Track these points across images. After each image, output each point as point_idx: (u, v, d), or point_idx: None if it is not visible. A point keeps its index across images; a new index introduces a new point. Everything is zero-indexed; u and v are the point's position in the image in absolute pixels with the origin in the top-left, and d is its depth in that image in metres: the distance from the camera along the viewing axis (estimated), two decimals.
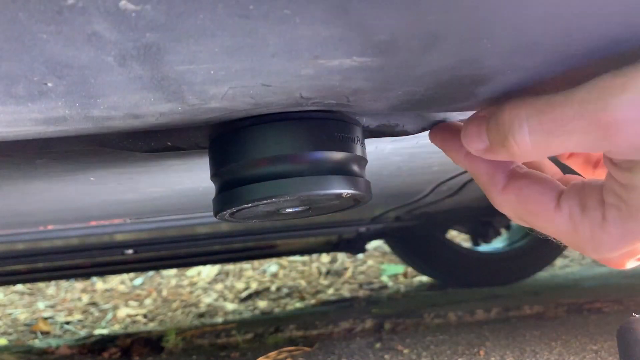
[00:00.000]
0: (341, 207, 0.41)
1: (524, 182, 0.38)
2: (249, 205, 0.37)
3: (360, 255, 2.70)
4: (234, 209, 0.38)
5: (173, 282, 2.72)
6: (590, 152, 0.41)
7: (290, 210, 0.39)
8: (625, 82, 0.29)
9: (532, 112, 0.31)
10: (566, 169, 0.43)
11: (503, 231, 1.97)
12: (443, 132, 0.41)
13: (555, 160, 0.43)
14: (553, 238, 0.38)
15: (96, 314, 2.44)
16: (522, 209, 0.37)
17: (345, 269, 2.69)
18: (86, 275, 2.49)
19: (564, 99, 0.30)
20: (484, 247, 2.07)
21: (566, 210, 0.35)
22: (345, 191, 0.36)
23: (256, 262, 2.78)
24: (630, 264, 0.36)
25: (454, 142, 0.40)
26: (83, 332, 2.17)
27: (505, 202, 0.38)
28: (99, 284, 2.75)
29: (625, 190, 0.32)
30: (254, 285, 2.59)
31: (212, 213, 0.41)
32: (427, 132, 0.45)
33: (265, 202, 0.36)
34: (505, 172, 0.39)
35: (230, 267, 2.76)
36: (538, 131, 0.31)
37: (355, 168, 0.40)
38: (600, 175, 0.42)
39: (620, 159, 0.31)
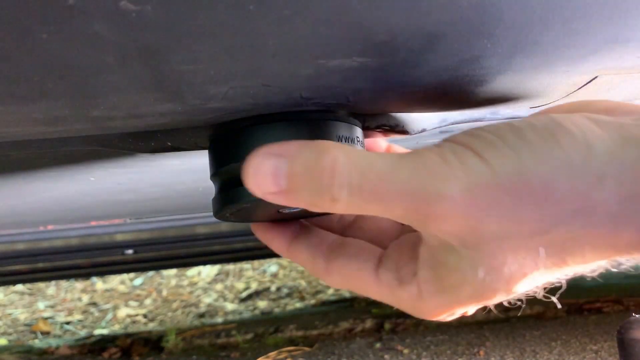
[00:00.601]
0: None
1: (342, 261, 0.38)
2: (249, 205, 0.37)
3: None
4: (234, 209, 0.38)
5: (173, 282, 2.72)
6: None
7: (289, 210, 0.39)
8: (446, 174, 0.29)
9: (356, 174, 0.30)
10: None
11: None
12: (266, 231, 0.41)
13: None
14: None
15: (96, 314, 2.44)
16: (349, 285, 0.38)
17: None
18: (86, 275, 2.49)
19: (389, 171, 0.29)
20: None
21: (385, 283, 0.36)
22: None
23: (256, 262, 2.79)
24: (451, 317, 0.38)
25: (277, 238, 0.40)
26: (83, 332, 2.17)
27: (333, 282, 0.38)
28: (99, 284, 2.75)
29: (440, 266, 0.33)
30: (254, 285, 2.59)
31: (212, 213, 0.41)
32: (427, 132, 0.45)
33: (263, 203, 0.36)
34: (324, 254, 0.38)
35: (230, 267, 2.76)
36: (358, 195, 0.30)
37: None
38: None
39: (435, 243, 0.32)
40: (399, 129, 0.44)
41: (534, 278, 0.32)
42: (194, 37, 0.25)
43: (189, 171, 0.61)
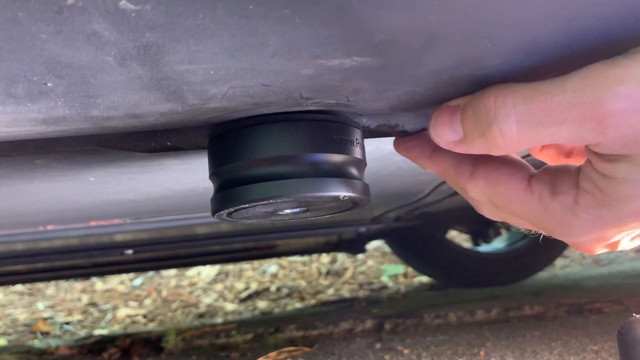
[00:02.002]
0: (339, 209, 0.41)
1: (493, 166, 0.36)
2: (247, 205, 0.37)
3: (360, 256, 2.70)
4: (232, 209, 0.38)
5: (173, 282, 2.72)
6: (574, 144, 0.40)
7: (288, 211, 0.39)
8: (620, 73, 0.28)
9: (520, 100, 0.30)
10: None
11: (503, 231, 1.97)
12: (407, 141, 0.41)
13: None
14: (525, 229, 0.38)
15: (96, 314, 2.44)
16: (492, 192, 0.36)
17: (345, 269, 2.69)
18: (86, 276, 2.49)
19: (554, 87, 0.29)
20: (484, 247, 2.07)
21: (537, 191, 0.34)
22: (343, 194, 0.36)
23: (256, 263, 2.78)
24: (599, 250, 0.36)
25: (418, 147, 0.39)
26: (83, 333, 2.17)
27: (475, 188, 0.37)
28: (98, 284, 2.75)
29: (605, 180, 0.31)
30: (253, 286, 2.59)
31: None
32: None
33: (262, 202, 0.36)
34: (471, 160, 0.37)
35: (230, 267, 2.76)
36: (526, 121, 0.29)
37: (354, 171, 0.40)
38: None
39: (606, 152, 0.31)
40: (399, 129, 0.44)
41: None
42: (193, 37, 0.25)
43: (189, 171, 0.61)
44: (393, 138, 0.46)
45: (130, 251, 1.63)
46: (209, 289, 2.62)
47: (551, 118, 0.29)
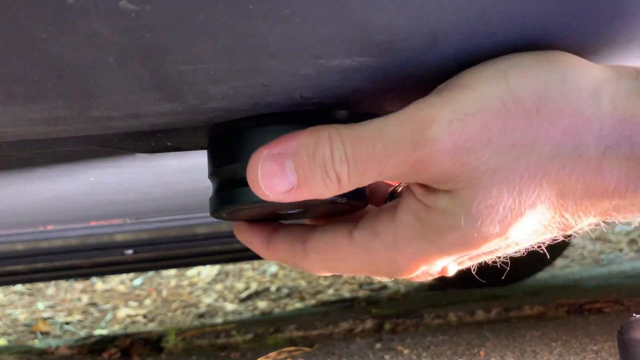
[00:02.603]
0: (337, 211, 0.41)
1: (317, 235, 0.36)
2: (245, 207, 0.37)
3: None
4: (231, 210, 0.38)
5: (173, 282, 2.72)
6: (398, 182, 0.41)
7: (286, 212, 0.39)
8: (431, 115, 0.29)
9: (349, 146, 0.30)
10: None
11: None
12: (245, 230, 0.41)
13: None
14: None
15: (96, 314, 2.44)
16: (324, 261, 0.36)
17: None
18: (86, 276, 2.49)
19: (374, 135, 0.30)
20: None
21: (361, 241, 0.34)
22: (341, 198, 0.36)
23: (256, 262, 2.79)
24: (429, 279, 0.37)
25: (257, 237, 0.40)
26: (83, 333, 2.17)
27: (312, 264, 0.37)
28: (98, 284, 2.75)
29: (425, 210, 0.32)
30: (253, 286, 2.59)
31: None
32: None
33: (261, 204, 0.36)
34: (299, 238, 0.37)
35: (230, 267, 2.76)
36: (355, 165, 0.30)
37: None
38: None
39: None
40: None
41: (531, 223, 0.30)
42: (193, 37, 0.25)
43: (189, 171, 0.61)
44: None
45: (130, 251, 1.63)
46: (209, 289, 2.62)
47: (373, 164, 0.30)
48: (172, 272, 2.79)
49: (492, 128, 0.28)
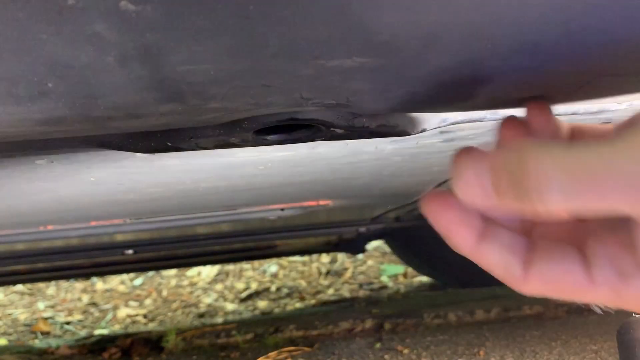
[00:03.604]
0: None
1: (544, 266, 0.33)
2: None
3: (360, 256, 2.70)
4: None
5: (173, 282, 2.72)
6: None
7: None
8: None
9: (563, 174, 0.27)
10: None
11: None
12: (442, 208, 0.34)
13: None
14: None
15: (96, 314, 2.44)
16: (552, 293, 0.33)
17: (345, 269, 2.69)
18: (86, 276, 2.49)
19: (599, 160, 0.26)
20: None
21: (603, 282, 0.31)
22: None
23: (256, 262, 2.78)
24: None
25: (460, 227, 0.34)
26: (83, 332, 2.17)
27: (531, 291, 0.33)
28: (99, 284, 2.75)
29: None
30: (254, 286, 2.59)
31: (212, 213, 0.41)
32: (427, 132, 0.45)
33: None
34: (520, 259, 0.33)
35: (230, 267, 2.76)
36: (572, 196, 0.27)
37: None
38: None
39: None
40: (399, 129, 0.44)
41: None
42: (194, 38, 0.25)
43: (189, 171, 0.61)
44: (392, 138, 0.46)
45: (130, 251, 1.63)
46: (209, 289, 2.62)
47: (601, 197, 0.26)
48: (173, 272, 2.79)
49: None
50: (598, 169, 0.26)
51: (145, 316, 2.35)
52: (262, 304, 2.37)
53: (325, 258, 2.79)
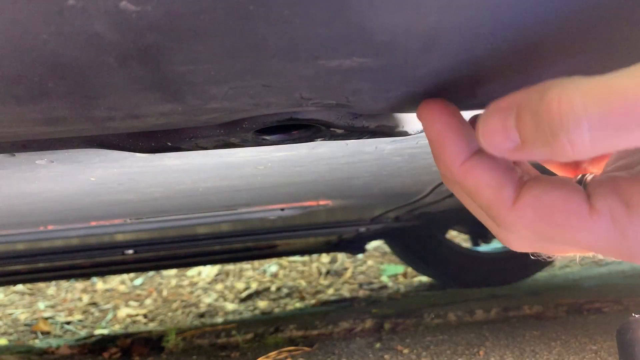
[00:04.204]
0: None
1: (541, 189, 0.29)
2: None
3: (360, 256, 2.70)
4: None
5: (173, 282, 2.72)
6: None
7: None
8: None
9: (592, 102, 0.24)
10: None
11: None
12: (437, 118, 0.32)
13: None
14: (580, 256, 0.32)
15: (96, 314, 2.44)
16: (543, 224, 0.29)
17: (345, 269, 2.69)
18: (86, 275, 2.49)
19: (633, 81, 0.23)
20: (483, 247, 2.07)
21: (606, 212, 0.28)
22: None
23: (256, 262, 2.79)
24: None
25: (452, 142, 0.31)
26: (83, 332, 2.17)
27: (520, 219, 0.30)
28: (99, 284, 2.75)
29: None
30: (254, 286, 2.59)
31: (212, 213, 0.41)
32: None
33: None
34: (513, 184, 0.30)
35: (230, 267, 2.76)
36: (602, 127, 0.24)
37: None
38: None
39: None
40: (399, 129, 0.44)
41: None
42: (194, 38, 0.25)
43: (189, 171, 0.61)
44: (392, 138, 0.46)
45: (130, 251, 1.63)
46: (209, 289, 2.62)
47: (635, 121, 0.23)
48: (173, 272, 2.79)
49: None
50: (632, 92, 0.23)
51: (145, 316, 2.35)
52: (262, 303, 2.37)
53: (325, 258, 2.79)
